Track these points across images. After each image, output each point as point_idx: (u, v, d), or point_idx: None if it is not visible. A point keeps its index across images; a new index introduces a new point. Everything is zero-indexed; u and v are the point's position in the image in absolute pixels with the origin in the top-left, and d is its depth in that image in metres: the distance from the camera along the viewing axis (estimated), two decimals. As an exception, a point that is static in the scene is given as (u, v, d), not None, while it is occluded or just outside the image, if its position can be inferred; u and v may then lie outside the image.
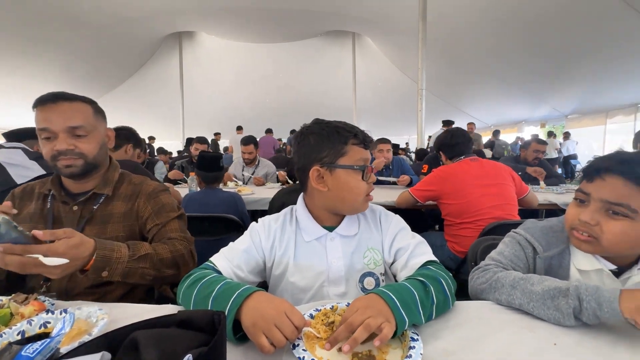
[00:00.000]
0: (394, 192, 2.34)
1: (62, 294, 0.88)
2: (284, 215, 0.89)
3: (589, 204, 0.73)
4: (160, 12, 8.27)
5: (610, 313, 0.57)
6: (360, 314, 0.55)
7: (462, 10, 6.64)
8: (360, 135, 0.80)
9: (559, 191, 2.58)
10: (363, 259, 0.83)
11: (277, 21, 9.17)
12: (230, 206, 1.98)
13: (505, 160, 3.41)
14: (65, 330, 0.56)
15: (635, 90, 7.72)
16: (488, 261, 0.84)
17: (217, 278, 0.68)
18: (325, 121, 0.83)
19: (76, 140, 0.89)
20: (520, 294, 0.68)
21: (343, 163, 0.79)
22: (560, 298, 0.62)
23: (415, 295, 0.61)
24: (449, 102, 11.73)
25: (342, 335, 0.54)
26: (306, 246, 0.84)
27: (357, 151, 0.79)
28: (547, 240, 0.81)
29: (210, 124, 14.45)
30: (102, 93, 11.33)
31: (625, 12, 5.32)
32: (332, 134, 0.79)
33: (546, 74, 8.22)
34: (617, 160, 0.70)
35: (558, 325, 0.62)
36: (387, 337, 0.53)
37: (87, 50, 8.90)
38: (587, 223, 0.71)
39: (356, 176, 0.79)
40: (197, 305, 0.64)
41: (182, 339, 0.39)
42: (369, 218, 0.89)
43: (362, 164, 0.80)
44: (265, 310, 0.56)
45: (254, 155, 3.45)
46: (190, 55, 11.29)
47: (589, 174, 0.74)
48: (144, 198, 1.00)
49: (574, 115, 10.34)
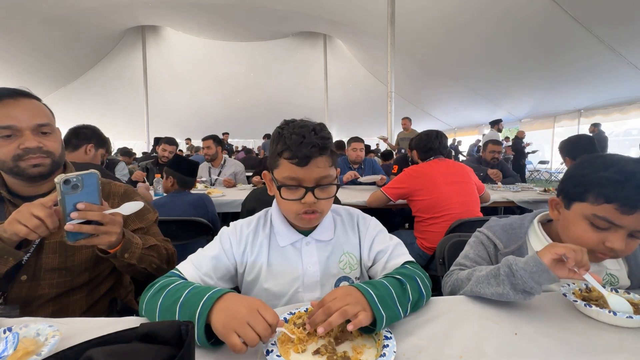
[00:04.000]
0: (365, 193, 2.38)
1: (21, 305, 0.82)
2: (257, 219, 0.85)
3: (615, 231, 0.70)
4: (121, 3, 7.76)
5: (536, 265, 0.64)
6: (339, 301, 0.57)
7: (428, 18, 6.95)
8: (296, 151, 0.69)
9: (514, 189, 2.79)
10: (339, 263, 0.82)
11: (247, 19, 8.99)
12: (200, 208, 1.90)
13: (468, 161, 3.62)
14: (8, 352, 0.50)
15: (578, 97, 8.57)
16: (454, 267, 0.89)
17: (185, 284, 0.64)
18: (292, 122, 0.75)
19: (43, 138, 0.84)
20: (473, 281, 0.74)
21: (276, 175, 0.75)
22: (497, 273, 0.69)
23: (392, 291, 0.63)
24: (416, 104, 12.21)
25: (319, 318, 0.56)
26: (281, 251, 0.81)
27: (288, 167, 0.71)
28: (507, 237, 0.85)
29: (177, 123, 13.83)
30: (54, 88, 10.41)
31: (570, 25, 5.87)
32: (275, 139, 0.74)
33: (502, 82, 8.87)
34: None
35: (510, 307, 0.69)
36: (361, 323, 0.55)
37: (37, 41, 8.13)
38: (619, 250, 0.70)
39: (285, 191, 0.73)
40: (163, 314, 0.60)
41: (145, 355, 0.36)
42: (346, 221, 0.87)
43: (287, 184, 0.72)
44: (236, 309, 0.54)
45: (212, 151, 3.35)
46: (154, 51, 10.72)
47: (627, 206, 0.66)
48: (117, 199, 0.96)
49: (527, 119, 11.26)
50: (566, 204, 0.78)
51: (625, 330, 0.61)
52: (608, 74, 6.99)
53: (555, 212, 0.82)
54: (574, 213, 0.75)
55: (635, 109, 8.06)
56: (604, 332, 0.61)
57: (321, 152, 0.71)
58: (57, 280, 0.85)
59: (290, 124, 0.75)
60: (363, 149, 3.24)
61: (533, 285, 0.64)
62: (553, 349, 0.56)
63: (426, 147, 2.09)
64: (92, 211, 0.67)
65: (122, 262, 0.81)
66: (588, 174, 0.73)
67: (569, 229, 0.77)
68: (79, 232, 0.67)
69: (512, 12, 6.07)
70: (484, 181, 3.01)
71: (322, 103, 11.58)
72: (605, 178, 0.69)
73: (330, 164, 0.74)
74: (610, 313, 0.62)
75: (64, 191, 0.63)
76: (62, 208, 0.65)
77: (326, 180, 0.73)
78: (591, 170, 0.72)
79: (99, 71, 10.96)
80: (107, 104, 12.25)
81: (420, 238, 1.96)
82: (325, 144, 0.72)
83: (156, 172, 3.05)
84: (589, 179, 0.72)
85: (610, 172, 0.69)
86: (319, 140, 0.70)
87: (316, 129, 0.73)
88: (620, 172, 0.67)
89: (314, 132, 0.71)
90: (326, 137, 0.73)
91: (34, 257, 0.84)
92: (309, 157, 0.69)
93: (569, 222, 0.77)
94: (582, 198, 0.73)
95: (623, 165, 0.68)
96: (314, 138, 0.70)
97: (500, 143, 3.38)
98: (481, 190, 2.08)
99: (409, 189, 1.97)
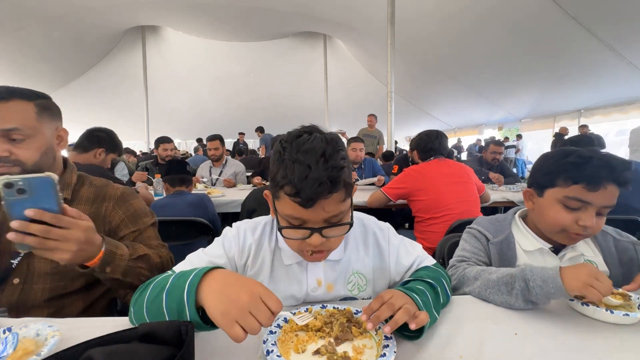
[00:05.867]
0: (365, 193, 2.38)
1: (13, 309, 0.79)
2: (262, 228, 0.77)
3: (585, 210, 0.77)
4: (121, 3, 7.76)
5: (555, 288, 0.64)
6: (399, 299, 0.57)
7: (428, 18, 6.95)
8: (299, 189, 0.56)
9: (515, 189, 2.79)
10: (347, 284, 0.76)
11: (247, 20, 8.98)
12: (199, 208, 1.90)
13: (469, 162, 3.63)
14: (8, 352, 0.50)
15: (578, 97, 8.57)
16: (455, 259, 0.91)
17: (172, 273, 0.59)
18: (297, 140, 0.59)
19: (12, 146, 0.76)
20: (481, 283, 0.75)
21: (277, 207, 0.63)
22: (511, 282, 0.70)
23: (429, 297, 0.64)
24: (416, 104, 12.20)
25: (384, 314, 0.54)
26: (284, 270, 0.74)
27: (290, 205, 0.59)
28: (494, 229, 0.93)
29: (176, 123, 13.82)
30: (54, 88, 10.40)
31: (570, 25, 5.87)
32: (276, 160, 0.61)
33: (502, 82, 8.87)
34: (614, 169, 0.74)
35: (520, 310, 0.69)
36: (422, 322, 0.55)
37: (37, 42, 8.11)
38: (590, 227, 0.76)
39: (287, 231, 0.62)
40: (149, 306, 0.55)
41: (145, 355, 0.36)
42: (359, 237, 0.78)
43: (288, 224, 0.61)
44: (237, 295, 0.48)
45: (220, 152, 3.40)
46: (154, 52, 10.70)
47: (592, 183, 0.74)
48: (112, 202, 0.92)
49: (527, 119, 11.26)
50: (539, 193, 0.86)
51: (624, 329, 0.61)
52: (608, 74, 6.98)
53: (530, 202, 0.90)
54: (547, 199, 0.83)
55: (635, 109, 8.05)
56: (604, 332, 0.61)
57: (331, 190, 0.57)
58: (50, 285, 0.82)
59: (294, 142, 0.59)
60: (363, 149, 3.26)
61: (545, 301, 0.68)
62: (553, 349, 0.56)
63: (426, 147, 2.09)
64: (34, 222, 0.57)
65: (104, 276, 0.74)
66: (554, 162, 0.82)
67: (545, 214, 0.84)
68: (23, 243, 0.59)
69: (512, 13, 6.07)
70: (485, 183, 3.02)
71: (322, 103, 11.58)
72: (569, 163, 0.79)
73: (343, 198, 0.61)
74: (607, 311, 0.62)
75: (7, 195, 0.56)
76: (7, 214, 0.57)
77: (338, 218, 0.61)
78: (555, 159, 0.82)
79: (99, 71, 10.94)
80: (107, 104, 12.23)
81: (420, 238, 1.96)
82: (338, 177, 0.57)
83: (156, 172, 3.05)
84: (556, 166, 0.81)
85: (571, 158, 0.79)
86: (329, 172, 0.56)
87: (326, 154, 0.57)
88: (580, 156, 0.78)
89: (323, 158, 0.57)
90: (339, 167, 0.57)
91: (26, 260, 0.81)
92: (315, 199, 0.56)
93: (543, 208, 0.84)
94: (553, 184, 0.81)
95: (580, 152, 0.79)
96: (322, 170, 0.56)
97: (502, 144, 3.40)
98: (481, 190, 2.08)
99: (409, 189, 1.97)
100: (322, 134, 0.61)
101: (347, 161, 0.61)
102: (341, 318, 0.62)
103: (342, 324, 0.60)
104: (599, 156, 0.76)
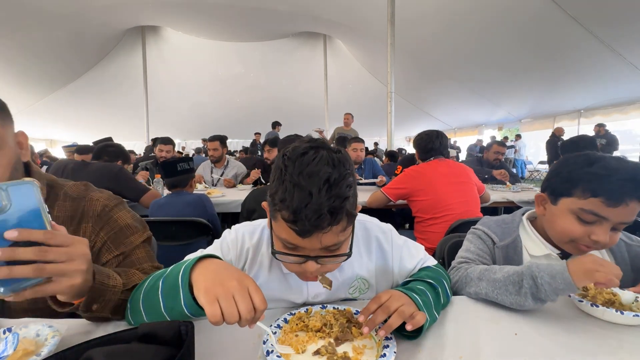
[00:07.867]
0: (365, 193, 2.38)
1: (1, 312, 0.72)
2: (260, 232, 0.74)
3: (600, 225, 0.71)
4: (121, 3, 7.76)
5: (564, 283, 0.62)
6: (396, 300, 0.57)
7: (428, 18, 6.96)
8: (296, 217, 0.52)
9: (515, 190, 2.78)
10: (349, 289, 0.75)
11: (247, 20, 8.99)
12: (198, 208, 1.90)
13: (469, 162, 3.64)
14: (8, 352, 0.50)
15: (578, 97, 8.57)
16: (458, 260, 0.89)
17: (167, 268, 0.58)
18: (301, 159, 0.55)
19: None
20: (486, 283, 0.73)
21: (273, 226, 0.60)
22: (518, 281, 0.68)
23: (430, 297, 0.64)
24: (416, 104, 12.21)
25: (378, 318, 0.55)
26: (283, 278, 0.72)
27: (285, 230, 0.56)
28: (501, 231, 0.89)
29: (176, 123, 13.82)
30: (54, 88, 10.40)
31: (570, 25, 5.87)
32: (277, 177, 0.56)
33: (502, 82, 8.88)
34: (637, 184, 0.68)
35: (521, 309, 0.67)
36: (419, 323, 0.54)
37: (37, 42, 8.11)
38: (601, 243, 0.71)
39: (282, 255, 0.60)
40: (146, 301, 0.55)
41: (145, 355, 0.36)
42: (361, 241, 0.75)
43: (282, 248, 0.59)
44: (226, 278, 0.48)
45: (219, 153, 3.37)
46: (154, 52, 10.70)
47: (612, 199, 0.68)
48: (91, 222, 0.74)
49: (527, 119, 11.27)
50: (553, 200, 0.80)
51: (626, 330, 0.61)
52: (608, 74, 6.99)
53: (541, 207, 0.85)
54: (561, 208, 0.77)
55: (635, 109, 8.05)
56: (604, 332, 0.61)
57: (331, 223, 0.53)
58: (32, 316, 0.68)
59: (298, 161, 0.54)
60: (363, 149, 3.27)
61: (554, 298, 0.65)
62: (553, 349, 0.56)
63: (427, 148, 2.08)
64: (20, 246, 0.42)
65: (89, 315, 0.58)
66: (574, 170, 0.75)
67: (556, 222, 0.79)
68: (10, 278, 0.41)
69: (512, 13, 6.07)
70: (490, 182, 3.03)
71: (322, 103, 11.58)
72: (591, 173, 0.71)
73: (344, 228, 0.57)
74: (617, 312, 0.62)
75: None
76: None
77: (336, 247, 0.58)
78: (577, 166, 0.75)
79: (99, 71, 10.94)
80: (107, 104, 12.22)
81: (420, 238, 1.96)
82: (340, 208, 0.53)
83: (156, 172, 3.05)
84: (575, 174, 0.74)
85: (595, 167, 0.71)
86: (331, 202, 0.51)
87: (331, 180, 0.52)
88: (605, 167, 0.70)
89: (327, 185, 0.52)
90: (343, 197, 0.53)
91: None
92: (312, 231, 0.53)
93: (555, 216, 0.79)
94: (569, 193, 0.75)
95: (607, 161, 0.71)
96: (324, 199, 0.51)
97: (505, 145, 3.41)
98: (481, 190, 2.08)
99: (409, 190, 1.97)
100: (330, 153, 0.56)
101: (353, 188, 0.56)
102: (341, 318, 0.62)
103: (342, 324, 0.60)
104: (626, 169, 0.68)
